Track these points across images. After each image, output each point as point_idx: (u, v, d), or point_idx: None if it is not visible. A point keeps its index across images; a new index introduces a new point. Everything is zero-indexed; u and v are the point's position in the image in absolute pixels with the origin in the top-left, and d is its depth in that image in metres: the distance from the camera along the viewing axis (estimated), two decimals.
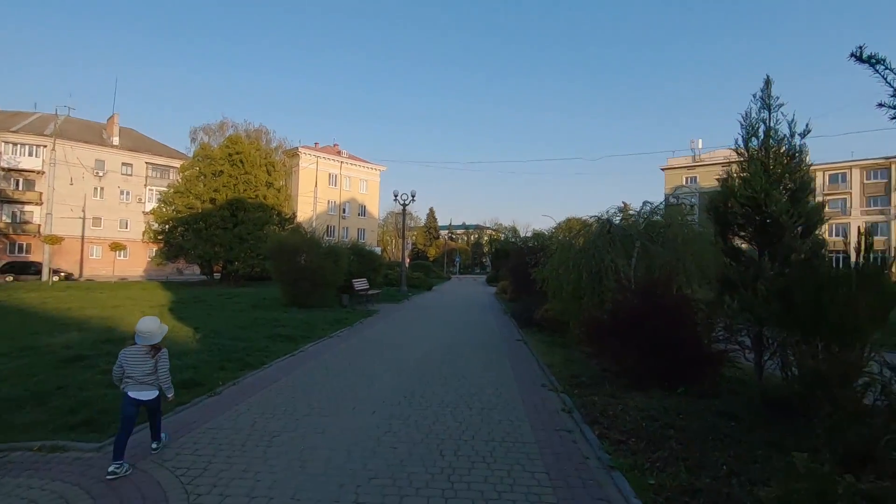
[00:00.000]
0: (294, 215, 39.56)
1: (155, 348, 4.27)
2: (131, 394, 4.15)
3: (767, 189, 5.34)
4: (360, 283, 20.52)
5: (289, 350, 9.55)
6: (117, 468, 3.91)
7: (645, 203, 11.57)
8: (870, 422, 4.08)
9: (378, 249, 52.37)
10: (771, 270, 5.38)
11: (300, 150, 57.98)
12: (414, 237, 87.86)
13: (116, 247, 44.95)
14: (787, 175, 5.44)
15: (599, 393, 6.62)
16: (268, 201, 34.30)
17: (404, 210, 31.04)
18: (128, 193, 49.72)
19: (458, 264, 78.00)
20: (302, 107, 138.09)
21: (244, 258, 31.58)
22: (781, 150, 5.56)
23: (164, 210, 33.26)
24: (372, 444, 4.78)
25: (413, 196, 29.79)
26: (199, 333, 10.91)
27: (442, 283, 46.03)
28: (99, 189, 47.60)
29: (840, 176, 54.46)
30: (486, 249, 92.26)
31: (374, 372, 8.02)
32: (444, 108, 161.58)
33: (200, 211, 31.63)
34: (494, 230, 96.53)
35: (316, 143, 62.89)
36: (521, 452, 4.66)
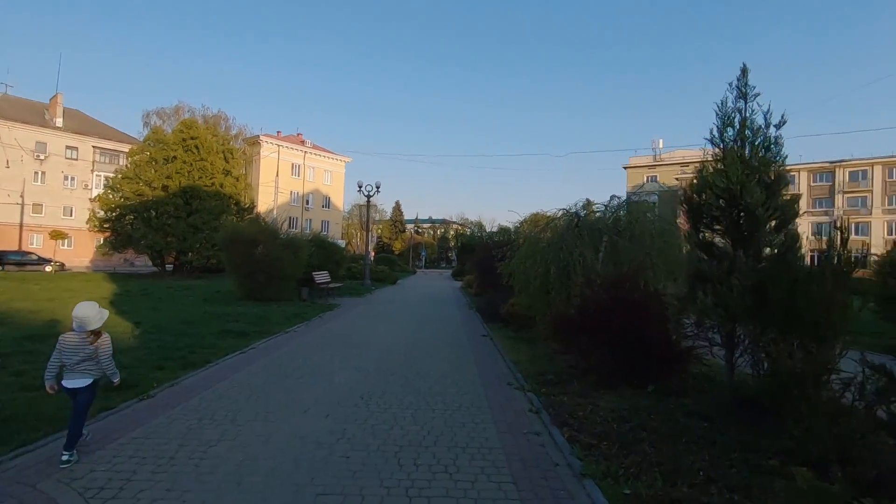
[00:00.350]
0: (253, 205, 37.91)
1: (95, 334, 4.10)
2: (64, 382, 4.04)
3: (743, 181, 5.16)
4: (321, 276, 19.80)
5: (238, 347, 8.87)
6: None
7: (612, 197, 11.48)
8: (844, 423, 3.92)
9: (342, 242, 51.17)
10: (745, 265, 5.20)
11: (261, 138, 55.73)
12: (379, 230, 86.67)
13: (58, 235, 42.02)
14: (762, 167, 5.28)
15: (568, 392, 6.36)
16: (225, 190, 32.67)
17: (368, 201, 30.31)
18: (73, 179, 46.48)
19: (423, 258, 77.19)
20: (265, 96, 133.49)
21: (199, 249, 30.01)
22: (757, 142, 5.39)
23: (111, 197, 31.14)
24: (322, 453, 4.30)
25: (378, 187, 29.08)
26: (138, 329, 10.04)
27: (407, 276, 45.45)
28: (40, 173, 44.28)
29: (789, 178, 57.09)
30: (451, 244, 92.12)
31: (331, 370, 7.51)
32: (411, 102, 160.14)
33: (151, 198, 29.78)
34: (460, 225, 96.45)
35: (278, 132, 60.70)
36: (487, 460, 4.29)
